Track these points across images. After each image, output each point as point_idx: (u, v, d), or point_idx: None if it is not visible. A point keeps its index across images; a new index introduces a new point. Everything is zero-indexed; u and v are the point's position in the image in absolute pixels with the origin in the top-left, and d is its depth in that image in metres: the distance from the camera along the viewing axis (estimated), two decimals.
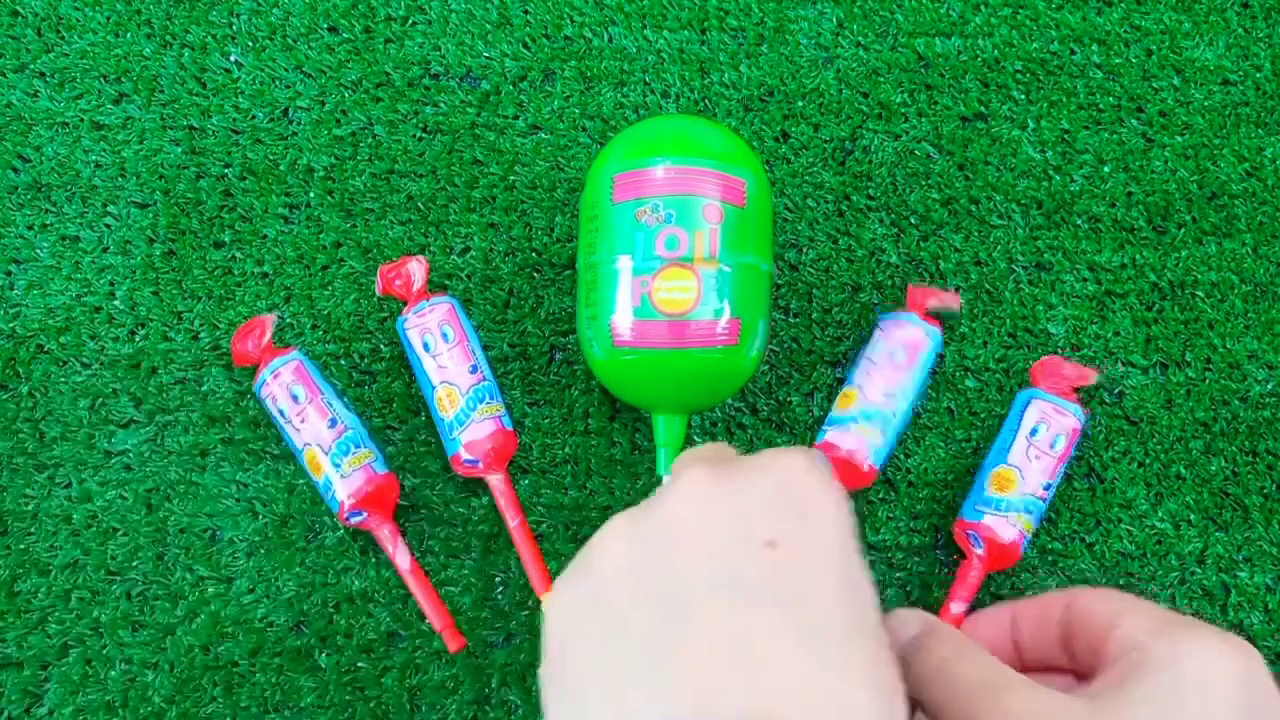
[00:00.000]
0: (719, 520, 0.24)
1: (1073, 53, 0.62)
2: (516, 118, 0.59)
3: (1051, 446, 0.50)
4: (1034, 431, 0.51)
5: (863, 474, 0.51)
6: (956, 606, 0.48)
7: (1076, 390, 0.53)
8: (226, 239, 0.57)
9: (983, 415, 0.56)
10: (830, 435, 0.50)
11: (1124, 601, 0.28)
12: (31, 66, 0.59)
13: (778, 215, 0.58)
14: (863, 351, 0.53)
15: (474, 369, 0.52)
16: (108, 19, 0.60)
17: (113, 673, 0.51)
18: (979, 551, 0.47)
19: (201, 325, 0.56)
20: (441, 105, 0.59)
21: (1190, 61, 0.62)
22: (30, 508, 0.53)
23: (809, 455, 0.26)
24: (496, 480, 0.53)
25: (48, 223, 0.57)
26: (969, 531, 0.48)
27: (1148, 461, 0.56)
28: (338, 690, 0.51)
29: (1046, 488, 0.49)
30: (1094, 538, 0.54)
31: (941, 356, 0.56)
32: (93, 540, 0.53)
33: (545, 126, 0.59)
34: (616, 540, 0.25)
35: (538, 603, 0.53)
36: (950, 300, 0.52)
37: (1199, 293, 0.58)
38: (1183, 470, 0.55)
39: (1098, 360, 0.57)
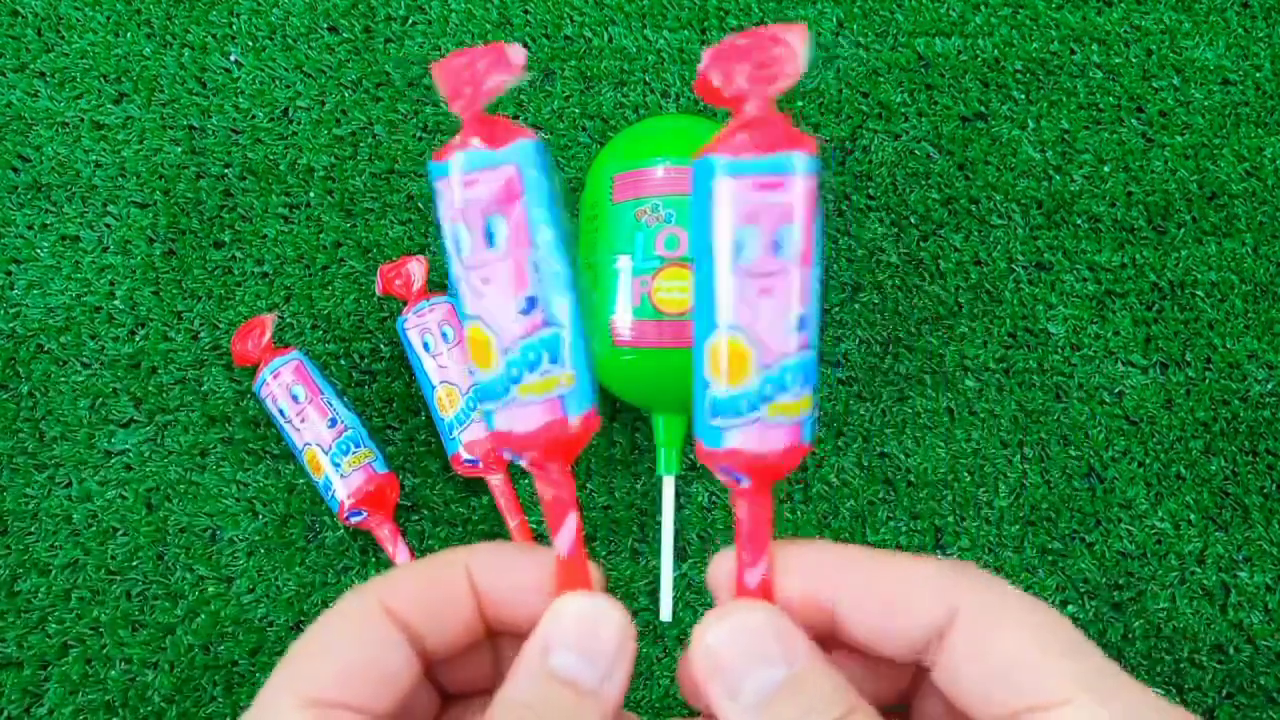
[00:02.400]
0: None
1: (1073, 53, 0.62)
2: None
3: (779, 253, 0.21)
4: (739, 250, 0.22)
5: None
6: (752, 576, 0.23)
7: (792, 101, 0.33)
8: (226, 239, 0.57)
9: (983, 415, 0.56)
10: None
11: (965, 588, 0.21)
12: (31, 66, 0.59)
13: None
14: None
15: None
16: (108, 19, 0.60)
17: (113, 672, 0.51)
18: (744, 485, 0.23)
19: (201, 325, 0.56)
20: (442, 105, 0.59)
21: (1190, 61, 0.62)
22: (30, 507, 0.53)
23: None
24: (496, 480, 0.53)
25: (48, 223, 0.57)
26: (718, 465, 0.23)
27: (1148, 461, 0.56)
28: None
29: (805, 324, 0.21)
30: (1094, 538, 0.54)
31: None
32: (93, 540, 0.53)
33: (545, 126, 0.59)
34: None
35: None
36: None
37: (1199, 293, 0.58)
38: (1183, 470, 0.55)
39: (1096, 359, 0.57)
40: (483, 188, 0.21)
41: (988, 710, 0.20)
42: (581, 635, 0.22)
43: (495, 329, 0.21)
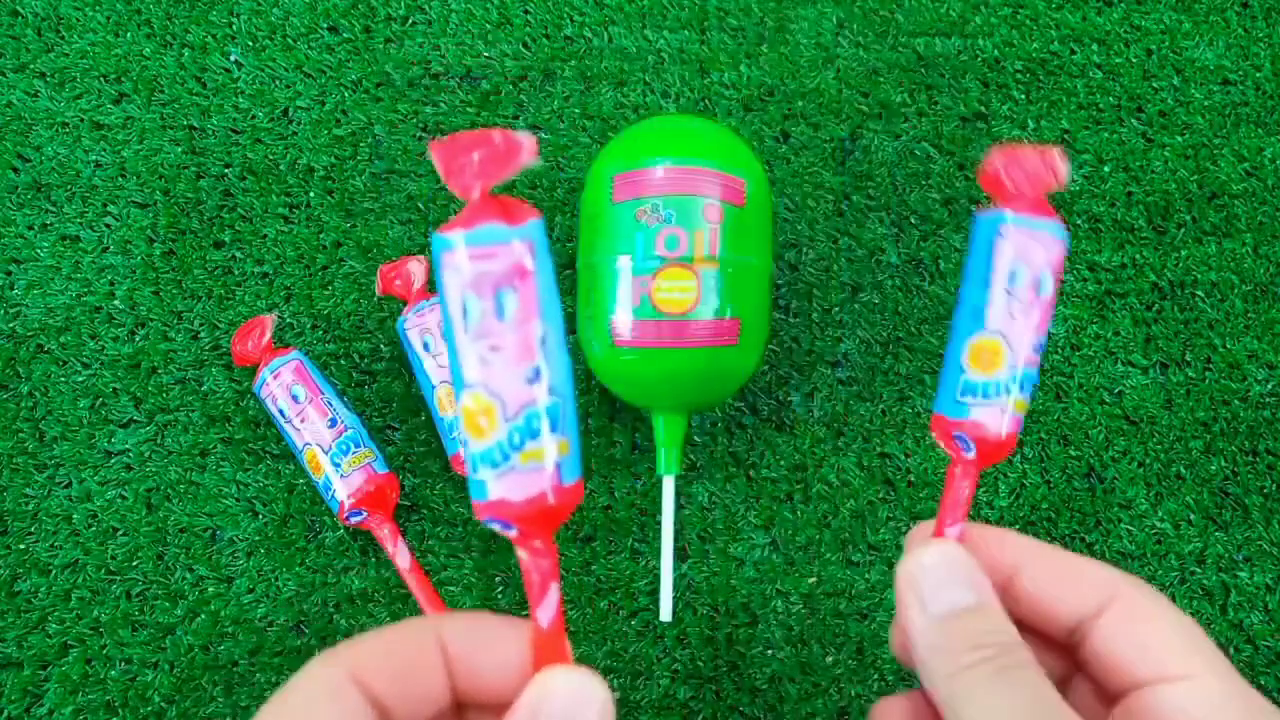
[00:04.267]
0: None
1: (1073, 53, 0.62)
2: (516, 118, 0.59)
3: (1038, 291, 0.32)
4: (1012, 279, 0.32)
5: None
6: (951, 531, 0.30)
7: (1051, 198, 0.40)
8: (226, 239, 0.57)
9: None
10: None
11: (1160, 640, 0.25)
12: (31, 66, 0.59)
13: (778, 215, 0.58)
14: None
15: None
16: (108, 19, 0.60)
17: (113, 672, 0.51)
18: (970, 455, 0.31)
19: (201, 325, 0.56)
20: (441, 105, 0.59)
21: (1190, 61, 0.62)
22: (30, 507, 0.53)
23: None
24: None
25: (48, 223, 0.57)
26: (955, 433, 0.32)
27: (1148, 461, 0.56)
28: None
29: (1038, 349, 0.31)
30: (1094, 538, 0.54)
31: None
32: (93, 540, 0.53)
33: (545, 126, 0.59)
34: None
35: None
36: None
37: (1199, 293, 0.58)
38: (1183, 470, 0.55)
39: (1096, 359, 0.57)
40: (496, 262, 0.22)
41: (1130, 676, 0.25)
42: (569, 711, 0.22)
43: (500, 397, 0.22)
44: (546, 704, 0.22)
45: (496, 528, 0.23)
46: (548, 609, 0.23)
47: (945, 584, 0.25)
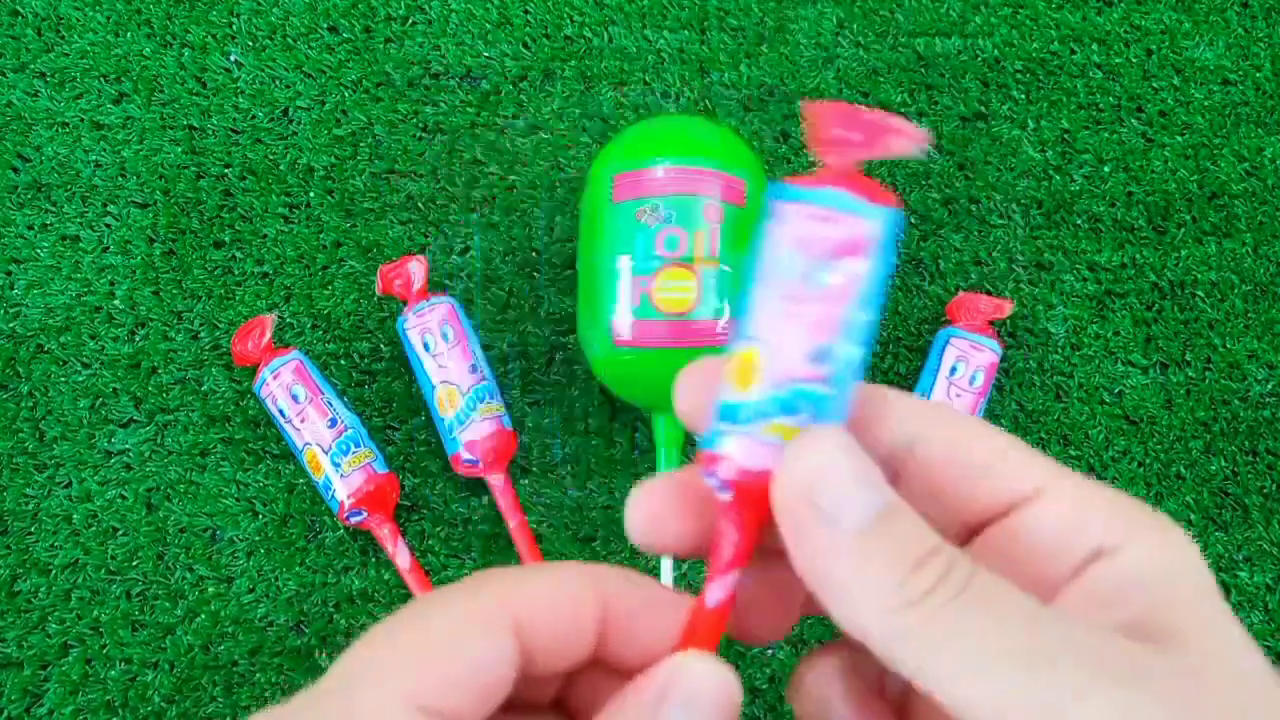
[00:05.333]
0: None
1: (1073, 53, 0.62)
2: (516, 118, 0.59)
3: (971, 383, 0.50)
4: (953, 370, 0.51)
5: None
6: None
7: (992, 324, 0.54)
8: (226, 239, 0.57)
9: (983, 415, 0.56)
10: (727, 444, 0.21)
11: (983, 441, 0.20)
12: (31, 66, 0.59)
13: None
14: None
15: (474, 369, 0.52)
16: (108, 19, 0.60)
17: (113, 672, 0.51)
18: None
19: (201, 325, 0.56)
20: (441, 105, 0.59)
21: (1190, 61, 0.62)
22: (30, 507, 0.53)
23: None
24: (496, 480, 0.53)
25: (48, 223, 0.57)
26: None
27: (1148, 461, 0.56)
28: None
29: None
30: None
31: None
32: (93, 540, 0.53)
33: (545, 126, 0.59)
34: None
35: None
36: (903, 139, 0.22)
37: (1199, 293, 0.58)
38: (1183, 470, 0.55)
39: (1096, 359, 0.57)
40: (835, 229, 0.20)
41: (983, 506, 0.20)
42: (703, 701, 0.20)
43: (774, 362, 0.20)
44: (678, 686, 0.20)
45: (711, 483, 0.21)
46: (720, 589, 0.21)
47: (851, 485, 0.19)
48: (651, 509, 0.22)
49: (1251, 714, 0.18)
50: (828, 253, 0.20)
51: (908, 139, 0.20)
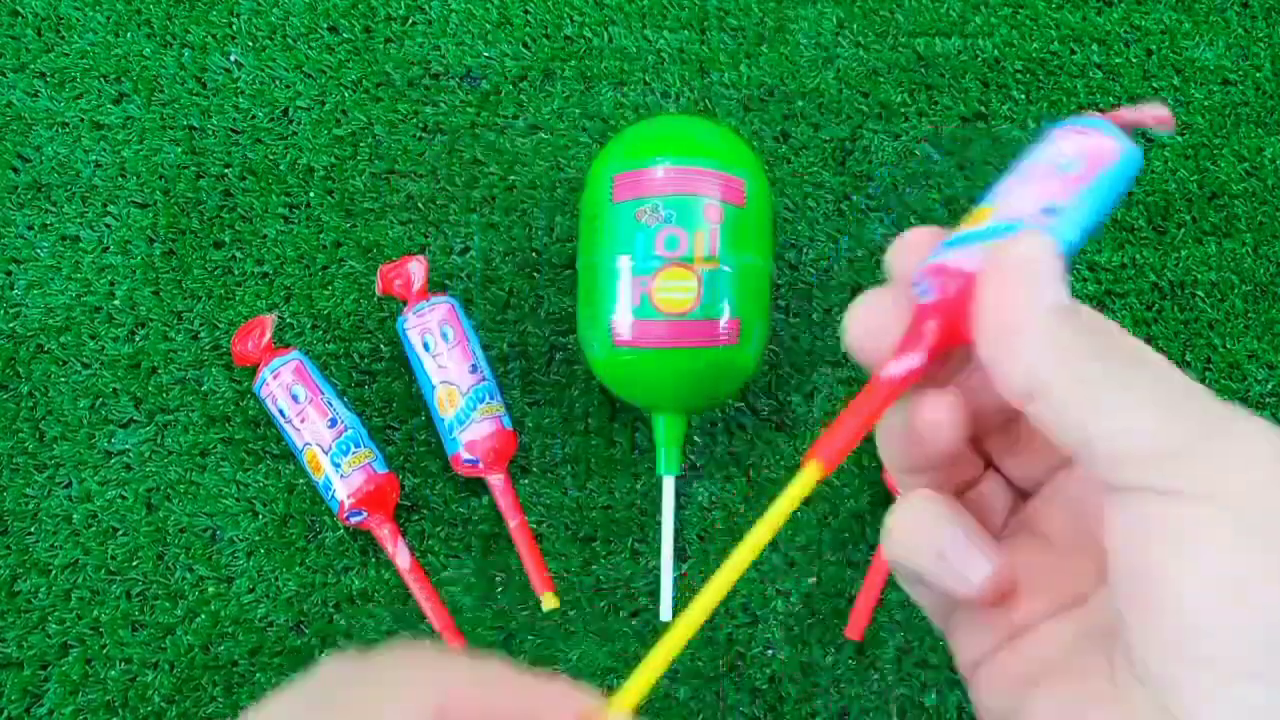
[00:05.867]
0: None
1: (1073, 53, 0.62)
2: (516, 118, 0.59)
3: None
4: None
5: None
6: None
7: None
8: (226, 239, 0.57)
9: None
10: (948, 256, 0.24)
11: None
12: (31, 66, 0.59)
13: (778, 215, 0.58)
14: (1010, 169, 0.30)
15: (474, 369, 0.52)
16: (108, 19, 0.60)
17: (113, 672, 0.51)
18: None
19: (201, 325, 0.56)
20: (441, 105, 0.59)
21: (1190, 61, 0.62)
22: (30, 507, 0.53)
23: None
24: (496, 480, 0.53)
25: (48, 223, 0.57)
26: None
27: None
28: None
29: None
30: None
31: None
32: (93, 540, 0.53)
33: (545, 126, 0.59)
34: None
35: (538, 603, 0.53)
36: (1151, 113, 0.27)
37: (1199, 293, 0.58)
38: None
39: None
40: (1090, 139, 0.25)
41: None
42: None
43: (1007, 208, 0.24)
44: None
45: (919, 289, 0.24)
46: (902, 365, 0.23)
47: (1052, 276, 0.22)
48: (869, 318, 0.24)
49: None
50: (1080, 155, 0.25)
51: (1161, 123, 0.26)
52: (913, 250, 0.24)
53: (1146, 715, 0.19)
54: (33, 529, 0.53)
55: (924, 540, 0.23)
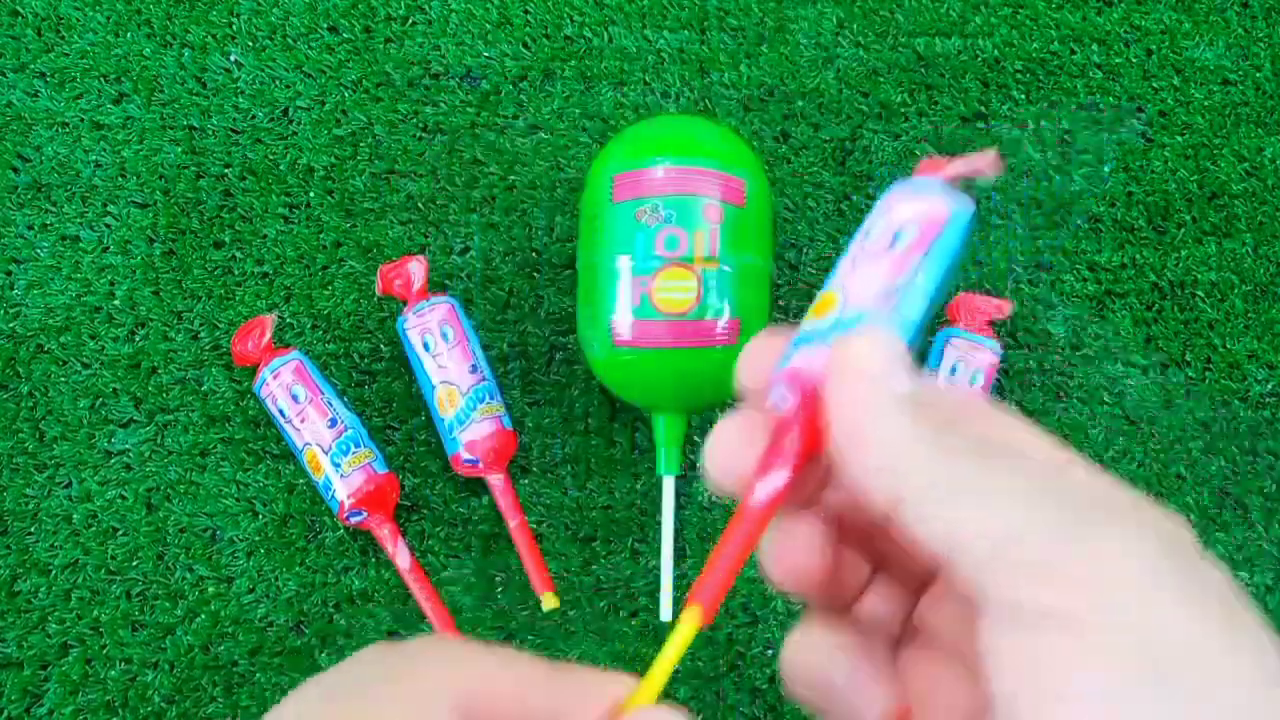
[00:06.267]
0: None
1: (1073, 53, 0.62)
2: (516, 118, 0.59)
3: (970, 383, 0.50)
4: (953, 370, 0.51)
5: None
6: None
7: (992, 324, 0.53)
8: (226, 239, 0.57)
9: None
10: (798, 358, 0.24)
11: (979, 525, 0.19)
12: (31, 66, 0.59)
13: (778, 215, 0.58)
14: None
15: (474, 369, 0.52)
16: (108, 19, 0.60)
17: (113, 672, 0.51)
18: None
19: (201, 325, 0.56)
20: (441, 105, 0.59)
21: (1190, 61, 0.62)
22: (30, 507, 0.53)
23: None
24: (496, 480, 0.53)
25: (48, 223, 0.57)
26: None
27: (1147, 461, 0.56)
28: None
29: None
30: None
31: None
32: (93, 540, 0.53)
33: (545, 126, 0.59)
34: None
35: (538, 603, 0.53)
36: (979, 163, 0.27)
37: (1199, 293, 0.58)
38: (1183, 470, 0.55)
39: (1096, 359, 0.57)
40: (918, 203, 0.25)
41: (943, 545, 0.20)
42: None
43: (850, 298, 0.24)
44: None
45: (775, 398, 0.23)
46: (768, 487, 0.22)
47: (894, 371, 0.21)
48: (727, 445, 0.24)
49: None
50: (911, 219, 0.25)
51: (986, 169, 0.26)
52: (758, 359, 0.24)
53: None
54: (33, 529, 0.53)
55: (818, 678, 0.23)
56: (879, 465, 0.20)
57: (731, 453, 0.23)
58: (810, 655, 0.23)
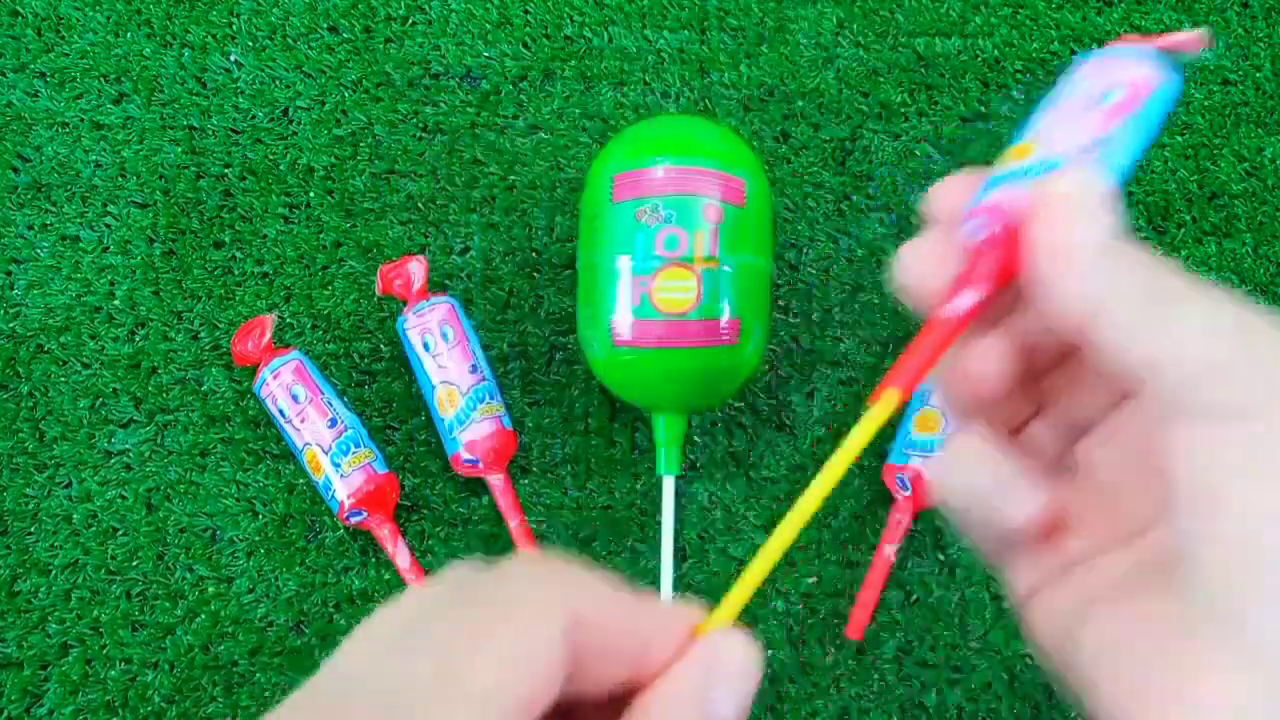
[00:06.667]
0: None
1: (1072, 53, 0.61)
2: (516, 118, 0.59)
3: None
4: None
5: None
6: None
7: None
8: (226, 239, 0.57)
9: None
10: (998, 194, 0.25)
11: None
12: (31, 66, 0.59)
13: (778, 215, 0.58)
14: (1045, 99, 0.30)
15: (474, 369, 0.52)
16: (108, 19, 0.60)
17: (113, 673, 0.51)
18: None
19: (201, 325, 0.56)
20: (441, 105, 0.59)
21: (1190, 61, 0.62)
22: (30, 507, 0.53)
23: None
24: (496, 480, 0.53)
25: (48, 223, 0.57)
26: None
27: None
28: None
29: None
30: None
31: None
32: (93, 540, 0.53)
33: (545, 126, 0.59)
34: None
35: None
36: (1187, 39, 0.27)
37: None
38: None
39: None
40: (1129, 67, 0.25)
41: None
42: (742, 674, 0.21)
43: (1050, 145, 0.25)
44: (720, 667, 0.20)
45: (968, 229, 0.24)
46: (960, 303, 0.23)
47: (1101, 207, 0.22)
48: (920, 260, 0.24)
49: None
50: (1118, 82, 0.25)
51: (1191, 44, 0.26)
52: (950, 193, 0.25)
53: (1214, 646, 0.18)
54: (33, 529, 0.53)
55: (974, 478, 0.23)
56: (1086, 286, 0.21)
57: (924, 272, 0.24)
58: (970, 455, 0.24)
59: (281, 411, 0.51)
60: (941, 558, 0.54)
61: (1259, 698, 0.18)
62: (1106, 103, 0.25)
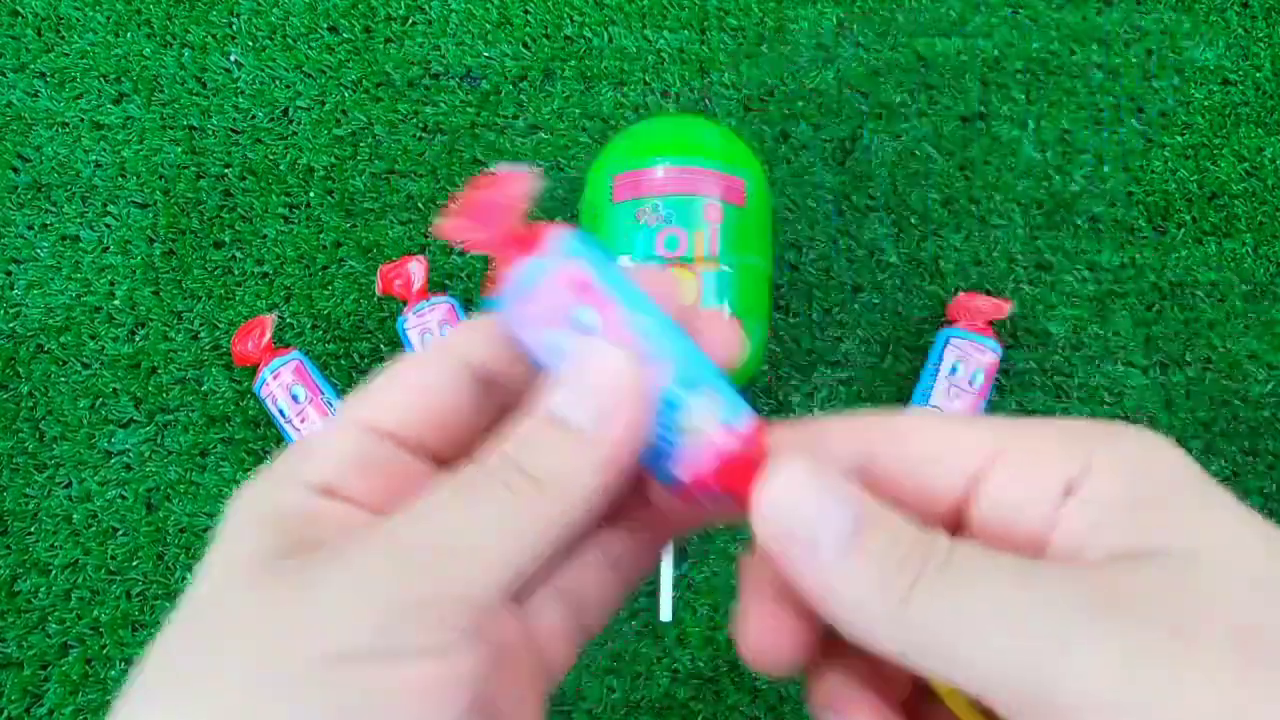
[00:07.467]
0: None
1: (1073, 53, 0.61)
2: (516, 118, 0.59)
3: (971, 383, 0.51)
4: (953, 370, 0.53)
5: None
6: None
7: (992, 324, 0.54)
8: (226, 239, 0.57)
9: (983, 415, 0.56)
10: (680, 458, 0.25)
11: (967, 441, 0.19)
12: (31, 66, 0.59)
13: (778, 215, 0.58)
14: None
15: None
16: (108, 19, 0.60)
17: (113, 673, 0.51)
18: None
19: (201, 325, 0.56)
20: (441, 105, 0.59)
21: (1190, 61, 0.62)
22: (30, 507, 0.53)
23: None
24: None
25: (48, 223, 0.57)
26: None
27: None
28: None
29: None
30: None
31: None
32: (93, 540, 0.53)
33: (545, 126, 0.59)
34: None
35: None
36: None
37: (1199, 293, 0.58)
38: None
39: (1096, 359, 0.57)
40: (556, 289, 0.20)
41: (1025, 532, 0.19)
42: (580, 372, 0.19)
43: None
44: (564, 369, 0.20)
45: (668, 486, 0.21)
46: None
47: (818, 510, 0.18)
48: (761, 631, 0.21)
49: (1268, 620, 0.16)
50: (568, 305, 0.20)
51: (514, 187, 0.20)
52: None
53: None
54: (33, 529, 0.53)
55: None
56: (861, 633, 0.18)
57: (769, 640, 0.21)
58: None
59: (281, 411, 0.51)
60: None
61: None
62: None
